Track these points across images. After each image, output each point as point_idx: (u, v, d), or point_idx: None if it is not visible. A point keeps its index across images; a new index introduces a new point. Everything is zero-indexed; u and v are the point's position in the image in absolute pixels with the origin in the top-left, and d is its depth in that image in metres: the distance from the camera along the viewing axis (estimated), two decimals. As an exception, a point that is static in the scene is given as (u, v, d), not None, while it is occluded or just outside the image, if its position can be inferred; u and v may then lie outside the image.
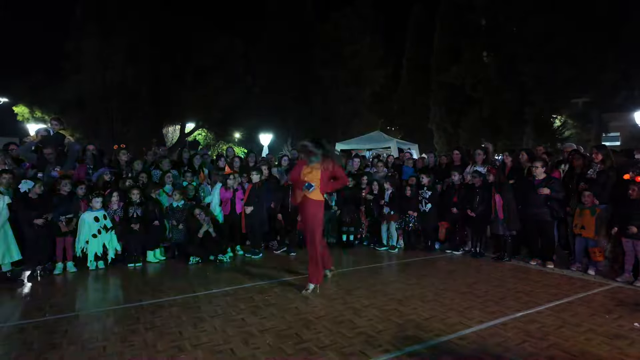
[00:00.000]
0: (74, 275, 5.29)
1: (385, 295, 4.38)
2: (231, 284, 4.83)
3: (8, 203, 4.85)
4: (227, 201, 6.38)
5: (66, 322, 3.63)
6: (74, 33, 21.08)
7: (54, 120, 6.33)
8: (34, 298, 4.33)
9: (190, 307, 4.02)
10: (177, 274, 5.32)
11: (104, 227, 5.53)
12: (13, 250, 4.82)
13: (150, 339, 3.25)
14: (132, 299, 4.24)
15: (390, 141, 15.59)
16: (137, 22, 21.21)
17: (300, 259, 6.17)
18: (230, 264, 5.92)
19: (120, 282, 4.95)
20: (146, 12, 22.09)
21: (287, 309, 3.94)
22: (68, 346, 3.11)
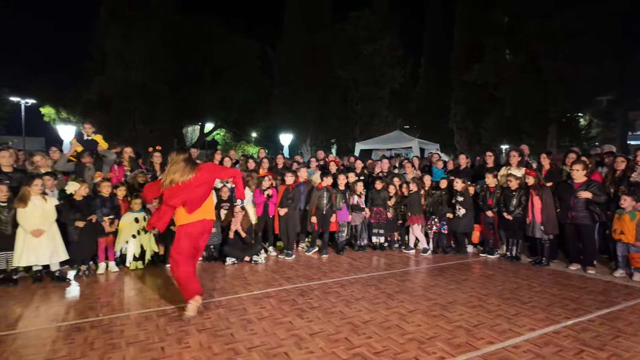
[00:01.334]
0: (115, 275, 5.41)
1: (428, 300, 4.36)
2: (270, 285, 4.88)
3: (55, 205, 5.00)
4: (261, 203, 6.44)
5: (119, 321, 3.72)
6: (97, 35, 21.57)
7: (87, 124, 6.47)
8: (84, 297, 4.45)
9: (236, 308, 4.07)
10: (215, 274, 5.39)
11: (143, 228, 5.65)
12: (60, 251, 4.97)
13: (205, 340, 3.31)
14: (178, 300, 4.32)
15: (412, 141, 15.48)
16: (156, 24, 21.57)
17: (333, 261, 6.20)
18: (265, 264, 5.97)
19: (162, 282, 5.04)
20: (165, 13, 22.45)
21: (332, 313, 3.96)
22: (127, 346, 3.19)
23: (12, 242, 4.78)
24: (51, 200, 5.01)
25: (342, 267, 5.84)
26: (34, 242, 4.76)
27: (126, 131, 20.60)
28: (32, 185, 4.84)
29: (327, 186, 6.54)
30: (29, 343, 3.29)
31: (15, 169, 5.48)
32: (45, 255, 4.82)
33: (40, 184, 4.91)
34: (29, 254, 4.75)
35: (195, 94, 25.37)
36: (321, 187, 6.54)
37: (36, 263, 4.85)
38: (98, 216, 5.37)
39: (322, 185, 6.53)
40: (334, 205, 6.56)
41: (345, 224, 6.76)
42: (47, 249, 4.83)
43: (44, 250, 4.80)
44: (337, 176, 6.82)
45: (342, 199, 6.62)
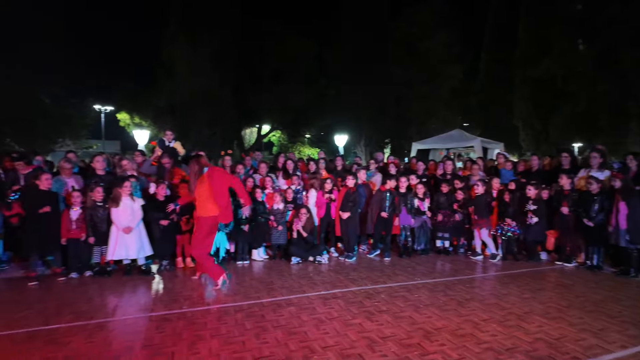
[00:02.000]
0: (192, 270, 5.82)
1: (501, 309, 4.19)
2: (336, 286, 4.98)
3: (142, 204, 5.51)
4: (323, 204, 6.58)
5: (201, 314, 4.03)
6: (166, 44, 23.18)
7: (168, 132, 7.00)
8: (168, 290, 4.86)
9: (306, 307, 4.21)
10: (283, 273, 5.61)
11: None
12: (146, 246, 5.47)
13: (280, 337, 3.48)
14: (251, 296, 4.57)
15: (473, 140, 14.78)
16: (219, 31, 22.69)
17: (396, 264, 6.16)
18: (328, 265, 6.09)
19: (235, 279, 5.33)
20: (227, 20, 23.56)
21: (401, 317, 3.95)
22: (211, 338, 3.45)
23: (106, 238, 5.36)
24: (138, 200, 5.53)
25: (406, 271, 5.79)
26: (125, 238, 5.29)
27: (192, 134, 21.89)
28: (122, 187, 5.38)
29: (390, 189, 6.51)
30: (127, 330, 3.68)
31: (107, 172, 6.13)
32: (134, 250, 5.34)
33: (129, 186, 5.45)
34: (120, 248, 5.29)
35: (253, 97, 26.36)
36: (384, 190, 6.52)
37: (126, 257, 5.38)
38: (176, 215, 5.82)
39: (385, 188, 6.51)
40: (397, 209, 6.52)
41: (407, 227, 6.67)
42: (135, 245, 5.35)
43: (133, 246, 5.31)
44: (399, 179, 6.76)
45: (403, 202, 6.54)
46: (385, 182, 6.64)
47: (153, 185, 5.97)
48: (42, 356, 3.13)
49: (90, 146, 20.46)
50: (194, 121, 23.03)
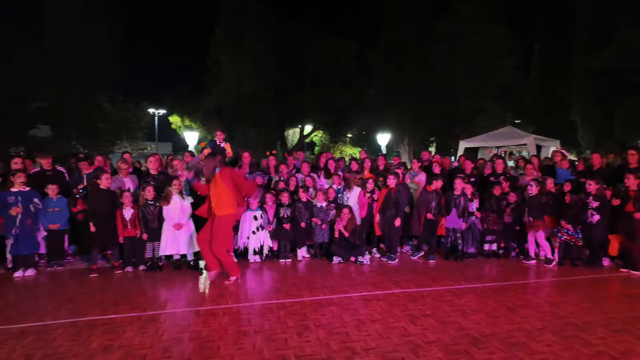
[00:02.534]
0: (236, 266, 6.00)
1: (558, 317, 3.91)
2: (378, 287, 4.89)
3: (191, 202, 5.76)
4: (365, 204, 6.50)
5: (246, 310, 4.13)
6: (214, 50, 24.14)
7: (219, 132, 7.26)
8: (214, 285, 5.04)
9: (348, 308, 4.18)
10: (325, 272, 5.62)
11: (260, 226, 6.17)
12: (195, 243, 5.71)
13: (322, 337, 3.47)
14: (294, 294, 4.62)
15: (526, 137, 13.94)
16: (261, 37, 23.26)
17: (441, 267, 5.96)
18: (370, 266, 6.01)
19: (278, 277, 5.43)
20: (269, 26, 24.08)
21: (447, 322, 3.81)
22: (255, 334, 3.52)
23: (158, 234, 5.66)
24: (187, 198, 5.79)
25: (453, 274, 5.57)
26: (175, 235, 5.56)
27: (238, 135, 22.63)
28: (172, 186, 5.66)
29: (436, 189, 6.30)
30: (176, 323, 3.85)
31: (159, 171, 6.48)
32: (183, 246, 5.59)
33: (179, 184, 5.72)
34: (171, 244, 5.57)
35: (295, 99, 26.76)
36: (430, 190, 6.32)
37: (177, 252, 5.65)
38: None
39: (432, 188, 6.31)
40: (445, 210, 6.29)
41: (456, 230, 6.40)
42: (185, 241, 5.60)
43: (182, 242, 5.57)
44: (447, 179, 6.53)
45: (454, 204, 6.28)
46: (431, 181, 6.43)
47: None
48: (101, 343, 3.36)
49: (145, 147, 21.80)
50: (240, 122, 23.80)
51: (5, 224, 5.28)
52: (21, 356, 3.13)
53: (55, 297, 4.50)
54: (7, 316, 3.96)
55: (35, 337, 3.47)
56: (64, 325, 3.72)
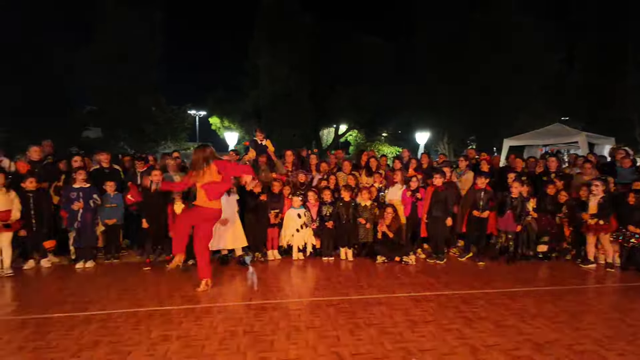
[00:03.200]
0: (280, 263, 6.06)
1: (629, 326, 3.64)
2: (427, 288, 4.77)
3: (237, 199, 5.87)
4: (409, 203, 6.37)
5: (295, 306, 4.15)
6: (252, 54, 24.65)
7: (258, 132, 7.37)
8: (262, 281, 5.11)
9: (398, 308, 4.10)
10: (369, 271, 5.55)
11: (303, 224, 6.20)
12: (241, 238, 5.82)
13: (375, 335, 3.42)
14: (340, 292, 4.59)
15: (577, 135, 13.15)
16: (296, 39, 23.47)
17: (491, 269, 5.72)
18: (415, 266, 5.87)
19: (322, 274, 5.42)
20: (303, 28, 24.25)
21: (505, 326, 3.64)
22: (307, 330, 3.53)
23: (206, 230, 5.82)
24: (233, 195, 5.91)
25: (504, 277, 5.33)
26: (222, 230, 5.69)
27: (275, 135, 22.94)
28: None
29: (485, 187, 6.06)
30: (229, 316, 3.93)
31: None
32: (230, 241, 5.72)
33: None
34: (218, 240, 5.70)
35: (330, 99, 26.79)
36: (478, 188, 6.10)
37: (224, 247, 5.79)
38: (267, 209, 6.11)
39: (479, 187, 6.08)
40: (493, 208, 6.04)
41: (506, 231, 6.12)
42: (232, 236, 5.72)
43: (229, 237, 5.69)
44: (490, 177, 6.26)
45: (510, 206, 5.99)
46: (477, 180, 6.20)
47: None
48: (159, 333, 3.49)
49: (188, 147, 22.63)
50: (276, 123, 24.14)
51: (69, 218, 5.63)
52: (90, 342, 3.31)
53: (114, 288, 4.74)
54: (73, 304, 4.20)
55: (99, 325, 3.66)
56: (125, 315, 3.90)
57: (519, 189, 6.03)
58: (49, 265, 5.73)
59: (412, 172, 6.82)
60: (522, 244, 6.16)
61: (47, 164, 6.07)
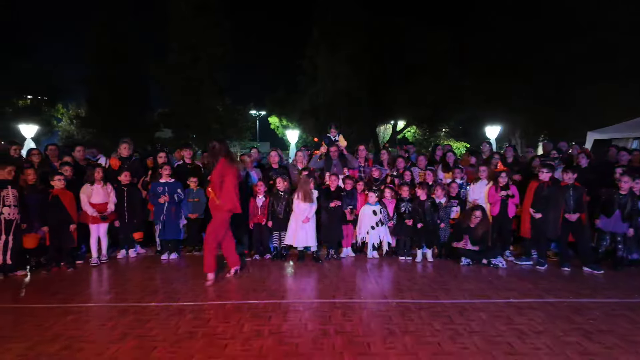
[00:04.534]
0: (354, 261, 5.87)
1: None
2: (527, 295, 4.30)
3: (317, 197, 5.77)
4: (497, 201, 5.85)
5: (384, 307, 3.93)
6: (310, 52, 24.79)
7: (332, 129, 7.24)
8: (340, 278, 4.95)
9: (498, 315, 3.72)
10: (455, 274, 5.16)
11: (379, 221, 5.95)
12: (313, 237, 5.71)
13: (480, 344, 3.10)
14: (428, 295, 4.29)
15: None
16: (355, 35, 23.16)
17: (594, 275, 5.06)
18: (506, 270, 5.37)
19: (403, 275, 5.13)
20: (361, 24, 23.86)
21: (636, 342, 3.12)
22: (403, 335, 3.30)
23: (283, 225, 5.81)
24: (314, 192, 5.81)
25: (616, 285, 4.68)
26: (300, 226, 5.63)
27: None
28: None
29: (574, 183, 5.38)
30: (316, 314, 3.80)
31: (280, 165, 6.70)
32: (309, 237, 5.63)
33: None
34: (297, 236, 5.64)
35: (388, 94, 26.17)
36: (565, 185, 5.42)
37: (303, 244, 5.71)
38: (342, 205, 5.96)
39: (567, 182, 5.40)
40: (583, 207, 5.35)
41: (612, 233, 5.39)
42: (308, 233, 5.63)
43: (306, 234, 5.61)
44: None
45: (618, 205, 5.27)
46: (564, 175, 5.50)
47: None
48: (251, 328, 3.45)
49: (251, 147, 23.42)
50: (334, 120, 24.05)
51: (155, 211, 5.91)
52: (186, 332, 3.36)
53: (199, 280, 4.85)
54: (165, 294, 4.35)
55: (193, 316, 3.72)
56: (214, 307, 3.95)
57: (629, 184, 5.28)
58: (135, 255, 6.07)
59: (502, 166, 6.27)
60: (630, 247, 5.41)
61: (135, 160, 6.43)
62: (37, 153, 6.19)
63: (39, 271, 5.24)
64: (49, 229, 5.25)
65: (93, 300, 4.19)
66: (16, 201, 4.96)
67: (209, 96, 18.68)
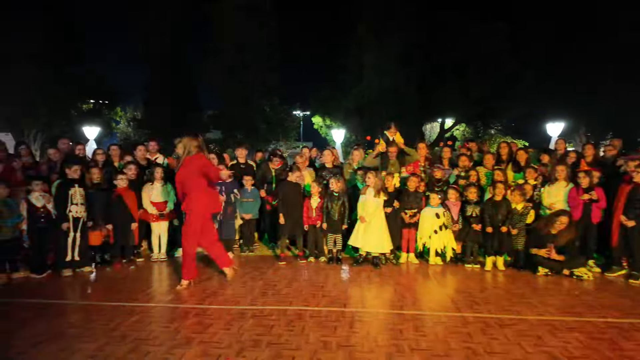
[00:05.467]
0: (416, 268, 5.49)
1: None
2: (630, 314, 3.74)
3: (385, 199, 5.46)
4: (579, 205, 5.23)
5: (459, 322, 3.55)
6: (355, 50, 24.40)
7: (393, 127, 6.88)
8: (403, 286, 4.62)
9: (599, 337, 3.21)
10: (533, 286, 4.64)
11: (442, 225, 5.54)
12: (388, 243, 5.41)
13: (587, 374, 2.66)
14: (506, 309, 3.84)
15: None
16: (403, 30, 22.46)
17: None
18: (594, 282, 4.75)
19: (474, 285, 4.68)
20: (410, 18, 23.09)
21: None
22: (488, 356, 2.92)
23: (338, 227, 5.56)
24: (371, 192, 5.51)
25: None
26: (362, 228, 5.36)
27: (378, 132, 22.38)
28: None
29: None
30: (384, 325, 3.51)
31: (334, 165, 6.46)
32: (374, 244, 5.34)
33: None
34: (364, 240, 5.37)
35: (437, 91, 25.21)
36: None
37: (367, 250, 5.43)
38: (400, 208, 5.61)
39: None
40: None
41: None
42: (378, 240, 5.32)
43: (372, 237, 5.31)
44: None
45: None
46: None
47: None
48: (317, 339, 3.20)
49: (297, 146, 23.45)
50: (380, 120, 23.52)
51: (212, 211, 5.89)
52: (249, 340, 3.18)
53: (256, 282, 4.73)
54: (224, 296, 4.24)
55: (255, 322, 3.55)
56: (275, 312, 3.76)
57: None
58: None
59: (585, 166, 5.61)
60: None
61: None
62: (101, 153, 6.40)
63: (103, 268, 5.38)
64: (112, 226, 5.37)
65: (155, 300, 4.17)
66: (83, 199, 5.11)
67: (258, 97, 18.93)
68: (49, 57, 13.96)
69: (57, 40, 14.50)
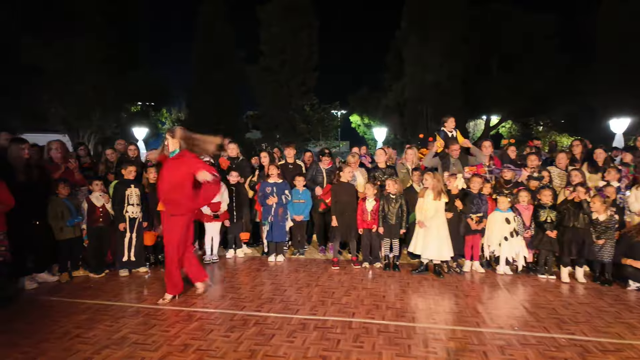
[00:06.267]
0: (482, 277, 5.04)
1: None
2: None
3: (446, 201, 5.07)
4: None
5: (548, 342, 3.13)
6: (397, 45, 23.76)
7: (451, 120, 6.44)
8: (473, 299, 4.21)
9: None
10: (625, 302, 4.08)
11: (513, 231, 5.05)
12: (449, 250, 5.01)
13: None
14: (600, 331, 3.36)
15: None
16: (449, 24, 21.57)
17: None
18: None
19: (554, 300, 4.19)
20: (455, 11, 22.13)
21: None
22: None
23: (393, 231, 5.21)
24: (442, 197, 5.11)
25: None
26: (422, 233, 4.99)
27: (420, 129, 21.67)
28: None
29: None
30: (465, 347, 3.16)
31: (387, 165, 6.11)
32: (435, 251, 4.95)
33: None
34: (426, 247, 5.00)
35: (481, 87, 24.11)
36: None
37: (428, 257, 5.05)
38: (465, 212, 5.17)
39: None
40: None
41: None
42: (438, 246, 4.94)
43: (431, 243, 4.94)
44: None
45: None
46: None
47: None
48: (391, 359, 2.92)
49: (337, 146, 23.17)
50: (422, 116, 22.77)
51: (263, 212, 5.74)
52: (316, 356, 2.94)
53: (312, 288, 4.50)
54: (282, 303, 4.03)
55: (318, 334, 3.31)
56: (339, 324, 3.50)
57: None
58: (242, 255, 5.97)
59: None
60: None
61: (242, 160, 6.36)
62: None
63: (158, 269, 5.36)
64: (166, 227, 5.33)
65: (212, 305, 4.03)
66: (139, 200, 5.10)
67: (298, 97, 18.85)
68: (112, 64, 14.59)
69: (120, 47, 15.15)
